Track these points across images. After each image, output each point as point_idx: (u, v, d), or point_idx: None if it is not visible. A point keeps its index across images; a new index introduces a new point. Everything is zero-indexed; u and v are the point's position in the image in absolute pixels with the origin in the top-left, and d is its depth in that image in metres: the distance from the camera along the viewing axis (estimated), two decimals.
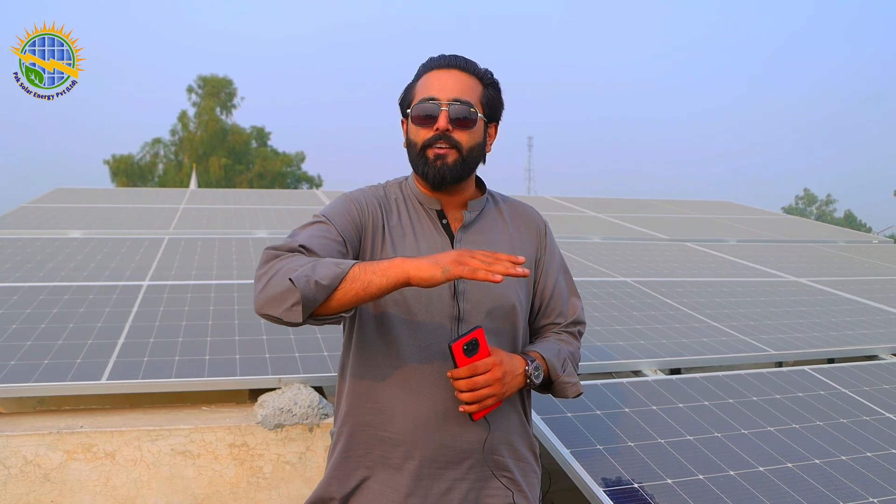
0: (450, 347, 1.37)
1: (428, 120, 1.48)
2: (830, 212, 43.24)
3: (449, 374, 1.39)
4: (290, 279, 1.26)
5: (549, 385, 1.57)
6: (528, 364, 1.47)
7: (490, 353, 1.40)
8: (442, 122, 1.46)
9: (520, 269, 1.28)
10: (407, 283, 1.28)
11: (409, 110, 1.52)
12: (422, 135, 1.49)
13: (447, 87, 1.48)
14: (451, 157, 1.48)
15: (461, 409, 1.40)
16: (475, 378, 1.37)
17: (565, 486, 2.70)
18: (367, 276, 1.27)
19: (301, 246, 1.36)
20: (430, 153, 1.48)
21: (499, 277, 1.25)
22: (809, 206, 44.10)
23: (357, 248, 1.48)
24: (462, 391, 1.38)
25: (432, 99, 1.47)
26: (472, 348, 1.38)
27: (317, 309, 1.28)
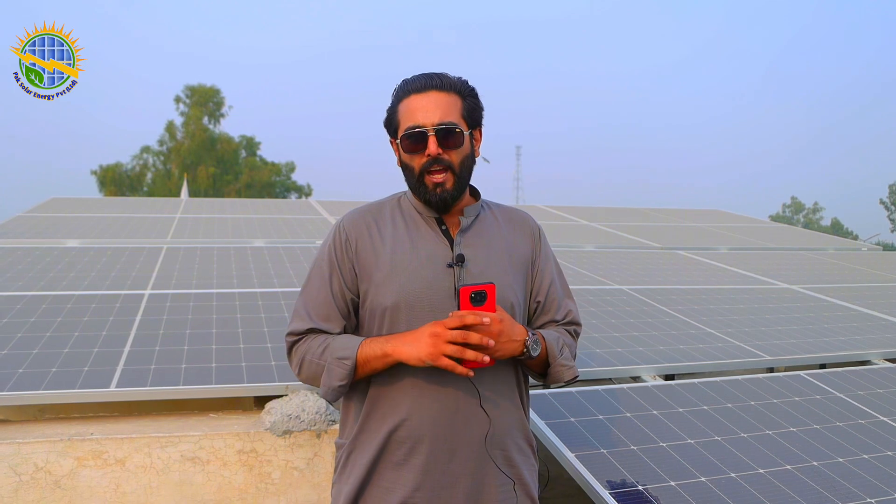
0: (457, 291, 1.42)
1: (418, 147, 1.54)
2: (817, 220, 43.63)
3: (451, 314, 1.44)
4: (318, 393, 1.62)
5: (544, 371, 1.61)
6: (528, 335, 1.51)
7: (495, 310, 1.44)
8: (432, 148, 1.53)
9: (486, 359, 1.43)
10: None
11: (397, 139, 1.58)
12: (416, 161, 1.55)
13: (429, 112, 1.53)
14: (449, 182, 1.55)
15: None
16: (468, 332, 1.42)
17: (563, 492, 2.74)
18: (370, 365, 1.50)
19: (309, 329, 1.58)
20: (429, 181, 1.55)
21: (470, 372, 1.43)
22: (796, 214, 44.50)
23: (355, 277, 1.58)
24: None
25: (417, 127, 1.53)
26: (480, 299, 1.41)
27: None
